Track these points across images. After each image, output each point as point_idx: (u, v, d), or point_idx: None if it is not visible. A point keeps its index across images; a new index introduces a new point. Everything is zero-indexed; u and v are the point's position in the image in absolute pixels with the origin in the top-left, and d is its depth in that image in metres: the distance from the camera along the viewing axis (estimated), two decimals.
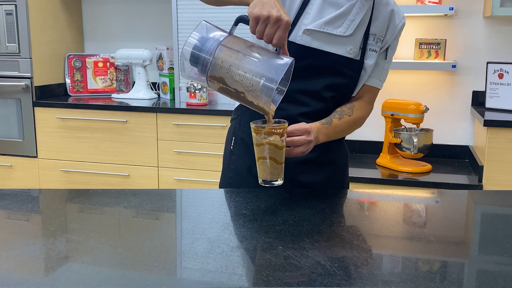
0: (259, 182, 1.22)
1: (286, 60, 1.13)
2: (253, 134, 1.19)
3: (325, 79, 1.38)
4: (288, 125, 1.24)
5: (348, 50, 1.37)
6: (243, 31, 1.55)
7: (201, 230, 1.06)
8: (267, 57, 1.13)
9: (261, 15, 1.10)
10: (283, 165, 1.20)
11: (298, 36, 1.34)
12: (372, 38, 1.40)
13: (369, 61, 1.41)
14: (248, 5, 1.16)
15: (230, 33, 1.15)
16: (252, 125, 1.19)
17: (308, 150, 1.26)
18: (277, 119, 1.20)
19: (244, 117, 1.45)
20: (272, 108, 1.17)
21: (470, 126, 2.98)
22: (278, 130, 1.17)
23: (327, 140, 1.35)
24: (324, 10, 1.35)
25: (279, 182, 1.21)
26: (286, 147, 1.22)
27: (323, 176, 1.46)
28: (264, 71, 1.11)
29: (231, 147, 1.50)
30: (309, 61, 1.36)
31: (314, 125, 1.30)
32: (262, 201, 1.25)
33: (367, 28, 1.39)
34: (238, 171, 1.47)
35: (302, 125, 1.26)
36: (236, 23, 1.16)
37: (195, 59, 1.13)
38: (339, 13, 1.34)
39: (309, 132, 1.26)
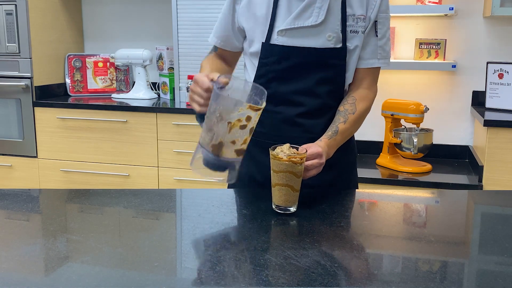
0: (273, 207, 1.20)
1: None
2: (272, 160, 1.17)
3: (315, 74, 1.37)
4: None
5: (327, 37, 1.35)
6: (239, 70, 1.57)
7: (201, 230, 1.06)
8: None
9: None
10: (299, 192, 1.19)
11: (275, 40, 1.35)
12: (352, 19, 1.36)
13: (351, 43, 1.37)
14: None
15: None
16: (272, 152, 1.17)
17: (319, 171, 1.25)
18: (295, 146, 1.20)
19: None
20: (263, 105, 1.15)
21: (470, 126, 2.98)
22: (298, 159, 1.15)
23: (338, 147, 1.35)
24: (292, 7, 1.35)
25: (293, 209, 1.19)
26: None
27: (330, 176, 1.44)
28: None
29: None
30: (293, 60, 1.36)
31: (323, 144, 1.29)
32: (262, 201, 1.25)
33: (343, 12, 1.36)
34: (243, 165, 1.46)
35: (315, 149, 1.24)
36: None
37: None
38: (304, 4, 1.33)
39: (321, 155, 1.24)
